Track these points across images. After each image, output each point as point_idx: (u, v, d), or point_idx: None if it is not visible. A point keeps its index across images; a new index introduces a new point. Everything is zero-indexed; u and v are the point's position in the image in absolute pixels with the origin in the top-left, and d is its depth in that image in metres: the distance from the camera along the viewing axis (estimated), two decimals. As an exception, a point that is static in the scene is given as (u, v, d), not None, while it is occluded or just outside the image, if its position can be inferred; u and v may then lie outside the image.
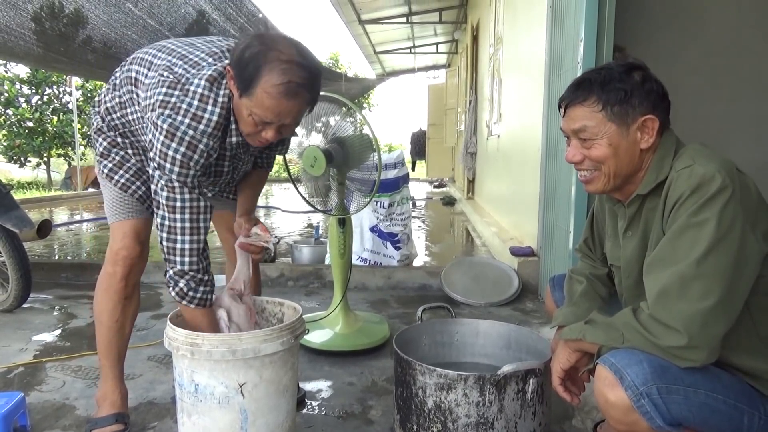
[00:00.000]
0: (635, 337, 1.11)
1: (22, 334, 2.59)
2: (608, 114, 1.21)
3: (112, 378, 1.67)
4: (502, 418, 1.44)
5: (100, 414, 1.65)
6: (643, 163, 1.25)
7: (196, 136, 1.33)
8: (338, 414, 1.83)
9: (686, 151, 1.21)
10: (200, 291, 1.44)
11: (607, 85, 1.21)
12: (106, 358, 1.67)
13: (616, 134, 1.22)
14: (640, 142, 1.22)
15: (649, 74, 1.23)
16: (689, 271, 1.07)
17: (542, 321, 2.85)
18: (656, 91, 1.21)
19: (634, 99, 1.20)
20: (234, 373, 1.37)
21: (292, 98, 1.31)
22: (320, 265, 3.62)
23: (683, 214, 1.11)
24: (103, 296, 1.63)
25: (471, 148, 7.83)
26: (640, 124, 1.21)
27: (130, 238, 1.60)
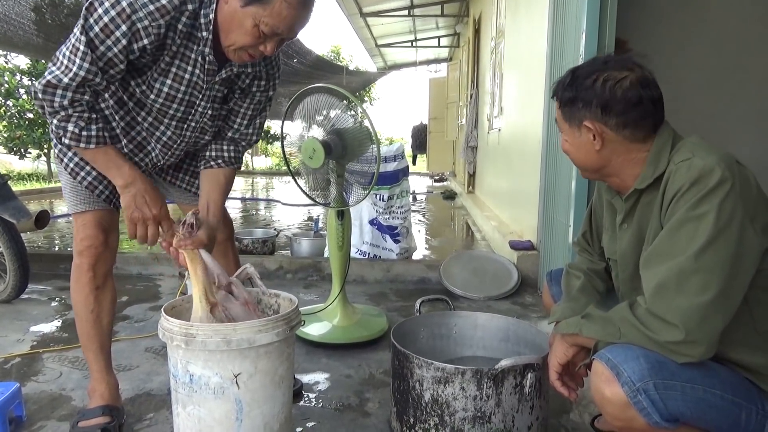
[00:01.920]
0: (632, 332, 1.10)
1: (19, 324, 2.58)
2: (564, 113, 1.27)
3: (96, 370, 1.66)
4: (499, 412, 1.43)
5: (90, 405, 1.64)
6: (610, 161, 1.25)
7: (138, 10, 1.28)
8: (335, 406, 1.82)
9: (685, 144, 1.20)
10: (93, 129, 1.39)
11: (564, 86, 1.26)
12: (88, 351, 1.65)
13: (569, 133, 1.28)
14: (594, 144, 1.24)
15: (617, 76, 1.19)
16: (687, 265, 1.05)
17: (541, 315, 2.84)
18: (607, 97, 1.18)
19: (578, 102, 1.22)
20: (229, 363, 1.36)
21: (306, 9, 1.34)
22: (319, 258, 3.61)
23: (682, 207, 1.09)
24: (74, 289, 1.61)
25: (472, 142, 7.80)
26: (585, 127, 1.23)
27: (92, 227, 1.58)
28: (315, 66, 10.05)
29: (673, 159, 1.17)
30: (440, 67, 16.33)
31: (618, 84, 1.20)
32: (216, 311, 1.46)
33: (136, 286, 3.27)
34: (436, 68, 16.79)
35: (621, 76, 1.21)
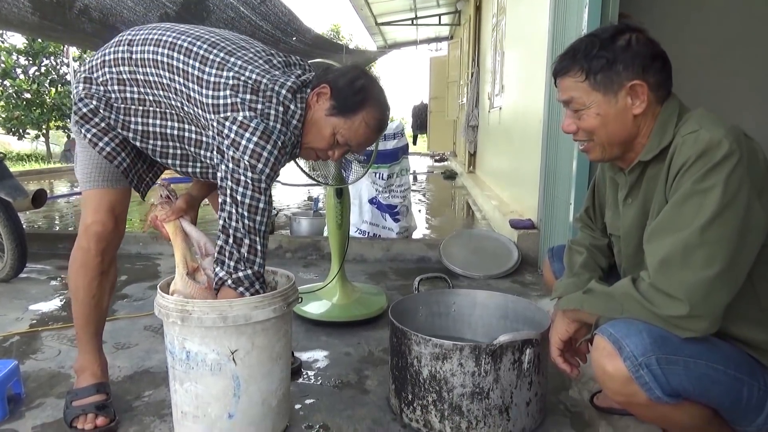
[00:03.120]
0: (635, 307, 1.08)
1: (18, 303, 2.58)
2: (592, 83, 1.18)
3: (90, 351, 1.64)
4: (497, 388, 1.43)
5: (80, 384, 1.62)
6: (640, 129, 1.21)
7: (286, 142, 1.39)
8: (334, 384, 1.82)
9: (692, 116, 1.17)
10: (258, 284, 1.42)
11: (590, 53, 1.18)
12: (84, 332, 1.63)
13: (603, 103, 1.19)
14: (632, 108, 1.18)
15: (639, 36, 1.18)
16: (693, 239, 1.04)
17: (541, 293, 2.83)
18: (643, 53, 1.16)
19: (617, 65, 1.16)
20: (226, 340, 1.35)
21: (378, 133, 1.54)
22: (318, 237, 3.59)
23: (688, 180, 1.07)
24: (78, 272, 1.58)
25: (473, 121, 7.74)
26: (628, 90, 1.17)
27: (104, 212, 1.54)
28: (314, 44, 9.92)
29: (680, 131, 1.14)
30: (441, 45, 16.13)
31: (648, 41, 1.18)
32: (198, 275, 1.50)
33: (135, 265, 3.26)
34: (436, 47, 16.60)
35: (643, 36, 1.18)
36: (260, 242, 1.37)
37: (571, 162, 2.67)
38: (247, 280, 1.36)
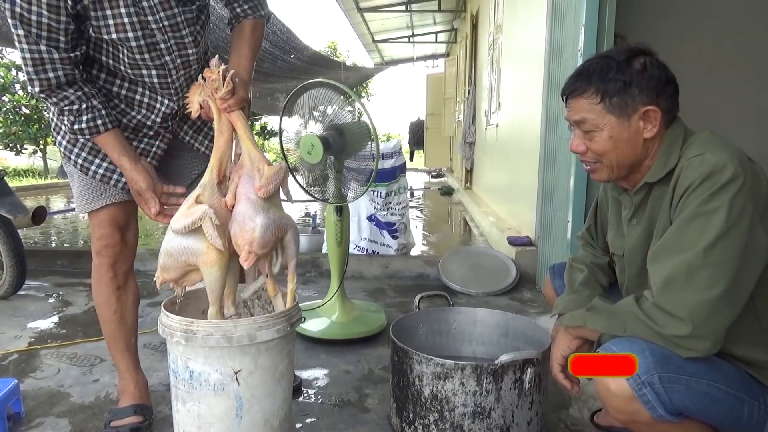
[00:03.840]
0: (637, 326, 1.10)
1: (17, 321, 2.58)
2: (607, 106, 1.19)
3: (125, 370, 1.65)
4: (498, 408, 1.43)
5: (120, 405, 1.63)
6: (648, 152, 1.23)
7: None
8: (335, 402, 1.82)
9: (697, 139, 1.19)
10: (83, 120, 1.38)
11: (606, 75, 1.19)
12: (115, 351, 1.65)
13: (616, 126, 1.20)
14: (644, 132, 1.20)
15: (653, 59, 1.21)
16: (696, 260, 1.05)
17: (540, 310, 2.84)
18: (658, 77, 1.19)
19: (633, 89, 1.17)
20: (229, 360, 1.35)
21: None
22: (317, 254, 3.60)
23: (693, 202, 1.09)
24: (96, 289, 1.60)
25: (469, 138, 7.80)
26: (642, 114, 1.19)
27: (107, 227, 1.56)
28: (312, 62, 10.02)
29: (685, 154, 1.16)
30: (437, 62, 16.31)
31: (660, 65, 1.20)
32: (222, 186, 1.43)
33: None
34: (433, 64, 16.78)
35: (655, 59, 1.21)
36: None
37: (569, 179, 2.70)
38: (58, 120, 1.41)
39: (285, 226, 1.40)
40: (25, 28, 1.26)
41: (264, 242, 1.34)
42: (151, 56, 1.43)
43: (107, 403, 1.79)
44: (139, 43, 1.39)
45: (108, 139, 1.43)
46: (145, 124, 1.55)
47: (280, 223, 1.37)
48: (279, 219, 1.37)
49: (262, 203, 1.36)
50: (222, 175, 1.45)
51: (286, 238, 1.42)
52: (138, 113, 1.52)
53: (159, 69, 1.46)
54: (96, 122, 1.40)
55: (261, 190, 1.36)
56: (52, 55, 1.30)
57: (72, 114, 1.38)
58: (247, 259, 1.34)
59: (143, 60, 1.42)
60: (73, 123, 1.38)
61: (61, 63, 1.32)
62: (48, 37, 1.28)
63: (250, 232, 1.33)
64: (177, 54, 1.46)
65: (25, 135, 13.55)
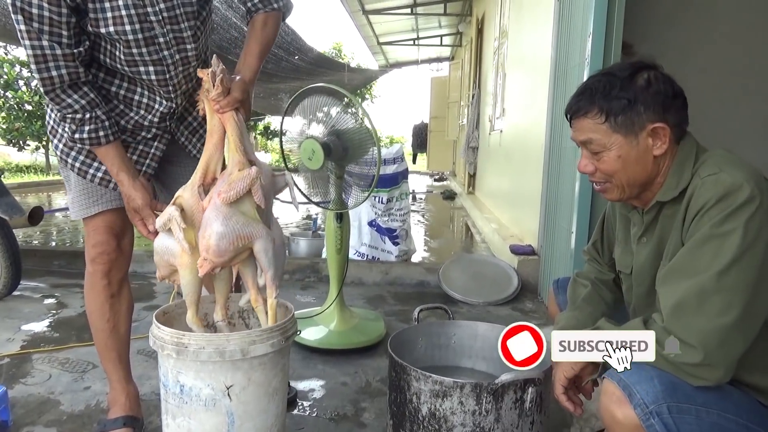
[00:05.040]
0: None
1: (10, 323, 2.54)
2: (612, 125, 1.15)
3: (116, 380, 1.61)
4: (498, 428, 1.39)
5: (110, 416, 1.59)
6: (660, 169, 1.19)
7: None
8: (330, 416, 1.78)
9: (711, 156, 1.15)
10: (85, 131, 1.35)
11: (609, 93, 1.15)
12: (106, 362, 1.61)
13: (624, 144, 1.16)
14: (653, 149, 1.16)
15: (657, 74, 1.17)
16: (709, 284, 1.01)
17: (541, 322, 2.80)
18: (664, 92, 1.14)
19: (638, 106, 1.13)
20: (221, 374, 1.31)
21: None
22: (317, 259, 3.56)
23: (706, 223, 1.05)
24: (88, 297, 1.56)
25: (473, 143, 7.76)
26: (650, 132, 1.15)
27: (102, 233, 1.52)
28: (316, 63, 9.99)
29: (699, 172, 1.12)
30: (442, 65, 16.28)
31: (666, 79, 1.16)
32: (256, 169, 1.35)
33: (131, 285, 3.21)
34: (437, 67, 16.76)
35: (660, 73, 1.17)
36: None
37: (574, 189, 2.66)
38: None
39: (250, 236, 1.30)
40: (27, 22, 1.22)
41: (219, 250, 1.27)
42: (149, 50, 1.38)
43: (97, 413, 1.75)
44: (137, 36, 1.34)
45: (108, 152, 1.39)
46: (143, 125, 1.50)
47: (242, 233, 1.29)
48: (242, 228, 1.29)
49: (226, 209, 1.29)
50: (211, 177, 1.39)
51: (255, 249, 1.33)
52: (136, 114, 1.48)
53: (157, 65, 1.42)
54: (98, 133, 1.36)
55: (221, 195, 1.29)
56: (54, 51, 1.26)
57: (74, 123, 1.34)
58: (202, 265, 1.29)
59: (140, 55, 1.38)
60: (75, 132, 1.35)
61: (65, 60, 1.28)
62: (50, 31, 1.25)
63: (206, 238, 1.27)
64: (176, 49, 1.42)
65: (27, 131, 13.56)
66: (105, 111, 1.37)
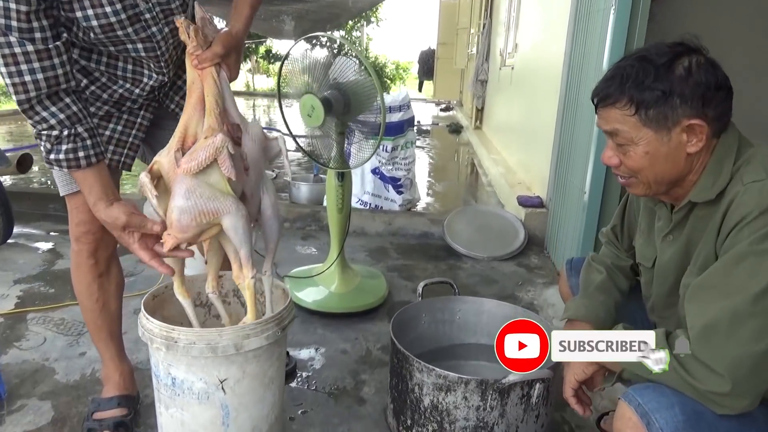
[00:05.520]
0: (669, 374, 0.97)
1: (4, 276, 2.48)
2: (642, 118, 1.02)
3: (109, 358, 1.55)
4: (503, 423, 1.35)
5: (104, 395, 1.54)
6: (693, 165, 1.06)
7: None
8: (329, 390, 1.74)
9: (756, 155, 1.02)
10: (62, 150, 1.15)
11: (642, 83, 1.01)
12: (98, 341, 1.54)
13: (654, 140, 1.03)
14: (687, 146, 1.03)
15: (700, 60, 1.01)
16: (744, 307, 0.91)
17: (547, 280, 2.74)
18: (705, 83, 1.00)
19: (674, 99, 0.99)
20: (214, 369, 1.25)
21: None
22: (318, 207, 3.46)
23: (746, 238, 0.94)
24: (75, 276, 1.47)
25: (482, 76, 7.45)
26: (685, 128, 1.01)
27: (86, 212, 1.35)
28: (319, -16, 9.43)
29: (742, 175, 1.00)
30: (452, -13, 15.44)
31: (709, 67, 1.01)
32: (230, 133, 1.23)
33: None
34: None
35: (703, 59, 1.02)
36: None
37: (589, 147, 2.50)
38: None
39: (215, 211, 1.16)
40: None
41: (181, 226, 1.14)
42: (135, 29, 1.22)
43: (92, 383, 1.72)
44: (120, 17, 1.17)
45: (87, 177, 1.19)
46: (129, 98, 1.36)
47: (205, 208, 1.15)
48: (206, 203, 1.15)
49: (189, 181, 1.14)
50: (191, 141, 1.22)
51: (224, 226, 1.20)
52: (121, 87, 1.33)
53: (146, 42, 1.26)
54: (77, 154, 1.17)
55: (181, 165, 1.15)
56: (25, 47, 1.07)
57: (50, 140, 1.15)
58: (165, 240, 1.17)
59: (126, 35, 1.22)
60: (50, 152, 1.16)
61: (39, 59, 1.08)
62: (18, 27, 1.05)
63: (170, 211, 1.14)
64: (164, 22, 1.26)
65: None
66: (88, 127, 1.19)
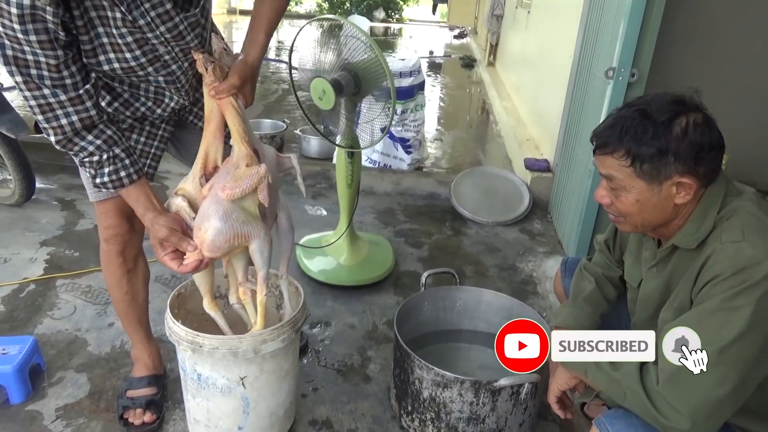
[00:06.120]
0: (637, 404, 1.09)
1: (30, 237, 2.61)
2: (637, 171, 1.09)
3: (138, 341, 1.69)
4: (493, 416, 1.50)
5: (135, 374, 1.70)
6: (679, 213, 1.14)
7: None
8: (338, 367, 1.91)
9: (737, 212, 1.09)
10: (105, 173, 1.25)
11: (640, 138, 1.07)
12: (127, 326, 1.68)
13: (645, 191, 1.11)
14: (675, 197, 1.11)
15: (698, 119, 1.07)
16: (710, 357, 1.01)
17: (547, 249, 2.84)
18: (699, 144, 1.06)
19: (668, 157, 1.06)
20: (235, 368, 1.39)
21: None
22: (328, 165, 3.53)
23: (718, 294, 1.03)
24: (105, 271, 1.59)
25: (497, 10, 7.20)
26: (675, 182, 1.08)
27: (113, 217, 1.48)
28: None
29: (721, 233, 1.07)
30: None
31: (704, 126, 1.07)
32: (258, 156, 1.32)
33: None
34: None
35: (700, 118, 1.08)
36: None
37: (598, 120, 2.52)
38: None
39: (248, 235, 1.28)
40: (23, 71, 1.10)
41: (214, 246, 1.25)
42: (155, 68, 1.28)
43: (122, 356, 1.88)
44: (140, 61, 1.24)
45: (131, 193, 1.30)
46: (150, 116, 1.44)
47: (240, 231, 1.26)
48: (241, 226, 1.26)
49: (227, 205, 1.25)
50: (212, 166, 1.33)
51: (251, 248, 1.32)
52: (143, 105, 1.40)
53: (166, 76, 1.33)
54: (119, 174, 1.26)
55: (225, 191, 1.24)
56: (59, 98, 1.13)
57: (93, 167, 1.24)
58: (189, 257, 1.27)
59: (147, 73, 1.29)
60: (95, 177, 1.25)
61: (72, 104, 1.15)
62: (50, 77, 1.11)
63: (202, 231, 1.25)
64: (183, 59, 1.32)
65: None
66: (124, 147, 1.27)
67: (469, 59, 9.13)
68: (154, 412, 1.62)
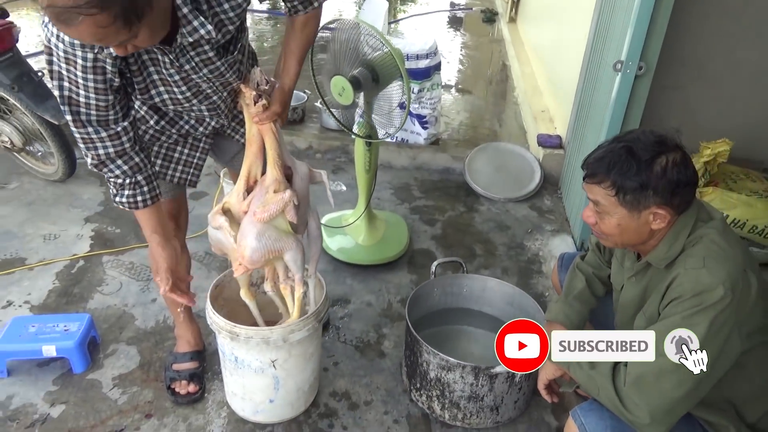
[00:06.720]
0: (607, 399, 1.28)
1: (76, 214, 2.84)
2: (620, 200, 1.26)
3: (180, 322, 1.92)
4: (491, 394, 1.72)
5: (179, 350, 1.93)
6: (654, 235, 1.31)
7: None
8: (356, 343, 2.13)
9: (703, 240, 1.24)
10: (125, 195, 1.44)
11: (625, 173, 1.23)
12: (172, 309, 1.90)
13: (626, 217, 1.28)
14: (652, 224, 1.28)
15: (677, 159, 1.23)
16: (668, 365, 1.20)
17: (555, 227, 3.00)
18: (676, 181, 1.23)
19: (648, 191, 1.23)
20: (267, 353, 1.61)
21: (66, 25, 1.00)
22: (347, 140, 3.66)
23: (679, 312, 1.20)
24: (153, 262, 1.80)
25: (521, -35, 7.02)
26: (653, 212, 1.25)
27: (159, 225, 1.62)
28: None
29: (687, 257, 1.24)
30: None
31: (681, 165, 1.24)
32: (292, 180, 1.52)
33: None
34: None
35: (679, 157, 1.24)
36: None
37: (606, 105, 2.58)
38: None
39: (281, 250, 1.49)
40: (73, 110, 1.29)
41: (252, 261, 1.47)
42: (198, 99, 1.47)
43: (165, 330, 2.13)
44: (186, 95, 1.42)
45: (143, 215, 1.49)
46: (193, 134, 1.63)
47: (273, 247, 1.47)
48: (274, 243, 1.46)
49: (260, 225, 1.45)
50: (252, 181, 1.54)
51: (285, 258, 1.53)
52: (186, 123, 1.59)
53: (209, 105, 1.52)
54: (136, 198, 1.45)
55: (256, 215, 1.45)
56: (100, 134, 1.33)
57: (115, 187, 1.44)
58: (237, 268, 1.51)
59: (191, 104, 1.47)
60: (115, 195, 1.45)
61: (110, 140, 1.35)
62: (97, 119, 1.31)
63: (242, 248, 1.47)
64: (223, 90, 1.49)
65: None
66: (147, 175, 1.45)
67: (491, 13, 8.95)
68: (197, 384, 1.87)
